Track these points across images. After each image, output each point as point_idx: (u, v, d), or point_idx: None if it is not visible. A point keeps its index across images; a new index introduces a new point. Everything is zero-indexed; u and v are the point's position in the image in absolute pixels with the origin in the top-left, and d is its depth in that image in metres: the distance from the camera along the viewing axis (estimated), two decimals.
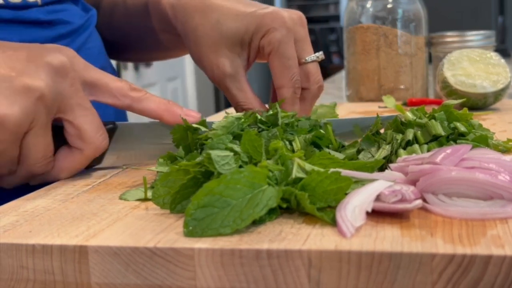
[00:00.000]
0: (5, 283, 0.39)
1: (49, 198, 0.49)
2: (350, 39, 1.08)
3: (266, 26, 0.65)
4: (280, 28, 0.64)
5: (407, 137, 0.51)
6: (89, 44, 0.75)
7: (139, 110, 0.57)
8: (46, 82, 0.51)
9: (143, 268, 0.37)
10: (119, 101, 0.57)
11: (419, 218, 0.39)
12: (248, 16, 0.66)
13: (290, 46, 0.64)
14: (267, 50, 0.65)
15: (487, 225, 0.37)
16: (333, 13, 6.91)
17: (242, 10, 0.67)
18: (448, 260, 0.33)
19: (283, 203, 0.40)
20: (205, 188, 0.38)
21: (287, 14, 0.66)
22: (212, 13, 0.67)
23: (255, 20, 0.65)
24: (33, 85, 0.50)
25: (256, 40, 0.65)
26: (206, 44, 0.67)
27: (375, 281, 0.34)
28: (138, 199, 0.47)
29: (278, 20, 0.65)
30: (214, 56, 0.66)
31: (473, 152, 0.44)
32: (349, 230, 0.36)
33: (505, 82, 0.88)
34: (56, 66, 0.53)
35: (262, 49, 0.66)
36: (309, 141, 0.52)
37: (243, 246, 0.35)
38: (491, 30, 1.09)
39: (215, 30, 0.66)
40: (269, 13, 0.65)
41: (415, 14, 1.05)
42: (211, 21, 0.67)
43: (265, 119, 0.56)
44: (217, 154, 0.42)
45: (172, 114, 0.57)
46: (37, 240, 0.39)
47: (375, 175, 0.43)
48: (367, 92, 1.07)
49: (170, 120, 0.57)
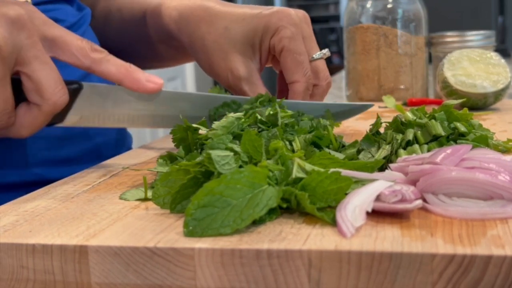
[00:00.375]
0: (6, 283, 0.39)
1: (49, 198, 0.49)
2: (350, 39, 1.08)
3: (275, 25, 0.65)
4: (288, 25, 0.64)
5: (407, 137, 0.51)
6: None
7: (99, 72, 0.55)
8: (2, 34, 0.50)
9: (143, 268, 0.37)
10: (78, 61, 0.55)
11: (419, 218, 0.39)
12: (254, 18, 0.66)
13: (300, 42, 0.65)
14: (278, 48, 0.65)
15: (487, 225, 0.37)
16: (333, 13, 6.91)
17: (248, 14, 0.67)
18: (448, 260, 0.33)
19: (283, 203, 0.40)
20: (205, 188, 0.38)
21: (293, 12, 0.66)
22: (218, 21, 0.67)
23: (262, 21, 0.65)
24: None
25: (266, 41, 0.66)
26: (216, 51, 0.67)
27: (375, 281, 0.34)
28: (138, 199, 0.47)
29: (286, 18, 0.65)
30: (227, 62, 0.66)
31: (473, 152, 0.44)
32: (349, 230, 0.36)
33: (505, 82, 0.88)
34: (12, 17, 0.51)
35: (273, 49, 0.66)
36: (309, 141, 0.52)
37: (243, 246, 0.35)
38: (491, 30, 1.09)
39: (224, 37, 0.66)
40: (276, 13, 0.66)
41: (415, 14, 1.05)
42: (218, 29, 0.67)
43: (265, 119, 0.56)
44: (217, 154, 0.42)
45: (133, 80, 0.56)
46: (37, 240, 0.39)
47: (375, 175, 0.43)
48: (367, 92, 1.07)
49: (131, 85, 0.56)
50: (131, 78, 0.56)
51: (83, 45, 0.55)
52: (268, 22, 0.65)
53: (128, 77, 0.56)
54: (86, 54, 0.55)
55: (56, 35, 0.54)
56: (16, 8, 0.52)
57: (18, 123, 0.54)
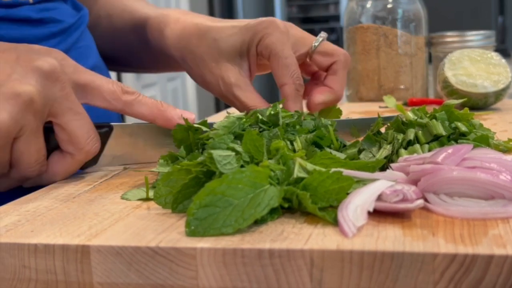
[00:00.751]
0: (8, 283, 0.39)
1: (51, 198, 0.49)
2: (350, 39, 1.08)
3: (260, 33, 0.67)
4: (274, 32, 0.66)
5: (408, 137, 0.51)
6: (81, 43, 0.75)
7: (131, 114, 0.57)
8: (35, 87, 0.50)
9: (145, 267, 0.37)
10: (111, 105, 0.56)
11: (420, 218, 0.39)
12: (242, 29, 0.68)
13: (287, 46, 0.66)
14: (266, 55, 0.67)
15: (488, 225, 0.37)
16: (333, 13, 6.91)
17: (236, 26, 0.70)
18: (450, 259, 0.33)
19: (284, 202, 0.40)
20: (207, 187, 0.38)
21: (280, 21, 0.68)
22: (208, 33, 0.70)
23: (249, 30, 0.68)
24: (22, 91, 0.49)
25: (253, 48, 0.68)
26: (206, 62, 0.69)
27: (377, 280, 0.34)
28: (140, 199, 0.47)
29: (271, 26, 0.67)
30: (217, 71, 0.68)
31: (474, 152, 0.44)
32: (351, 229, 0.36)
33: (506, 82, 0.89)
34: (46, 71, 0.52)
35: (261, 56, 0.68)
36: (310, 141, 0.52)
37: (245, 246, 0.35)
38: (491, 30, 1.09)
39: (214, 48, 0.69)
40: (262, 22, 0.68)
41: (415, 14, 1.05)
42: (208, 41, 0.69)
43: (266, 119, 0.56)
44: (219, 154, 0.43)
45: (165, 118, 0.57)
46: (39, 240, 0.39)
47: (376, 175, 0.43)
48: (367, 92, 1.07)
49: (163, 124, 0.57)
50: (164, 117, 0.57)
51: (114, 89, 0.56)
52: (255, 31, 0.67)
53: (160, 117, 0.57)
54: (118, 97, 0.56)
55: (88, 81, 0.55)
56: (50, 61, 0.52)
57: (51, 171, 0.55)
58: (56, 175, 0.55)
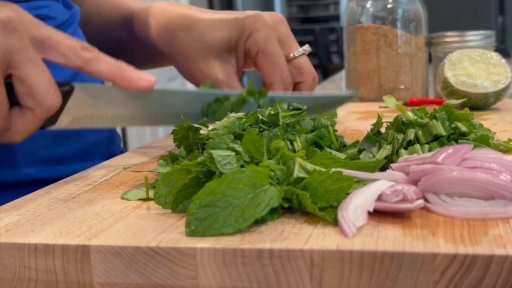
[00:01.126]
0: (8, 283, 0.39)
1: (51, 198, 0.49)
2: (350, 39, 1.08)
3: (248, 29, 0.66)
4: (262, 28, 0.65)
5: (408, 137, 0.51)
6: None
7: (90, 72, 0.54)
8: None
9: (145, 267, 0.37)
10: (69, 61, 0.54)
11: (420, 218, 0.39)
12: (229, 23, 0.67)
13: (275, 44, 0.66)
14: (254, 51, 0.66)
15: (488, 225, 0.37)
16: (333, 13, 6.92)
17: (224, 19, 0.68)
18: (450, 259, 0.33)
19: (284, 202, 0.40)
20: (207, 187, 0.38)
21: (268, 15, 0.67)
22: (195, 27, 0.68)
23: (237, 25, 0.67)
24: None
25: (241, 44, 0.67)
26: (194, 56, 0.68)
27: (377, 280, 0.34)
28: (140, 199, 0.47)
29: (259, 21, 0.66)
30: (205, 66, 0.68)
31: (475, 152, 0.44)
32: (351, 229, 0.36)
33: (506, 82, 0.89)
34: (3, 20, 0.50)
35: (248, 52, 0.67)
36: (310, 141, 0.52)
37: (245, 246, 0.35)
38: (491, 30, 1.09)
39: (201, 42, 0.68)
40: (250, 16, 0.67)
41: (415, 14, 1.05)
42: (195, 34, 0.68)
43: (266, 119, 0.56)
44: (219, 154, 0.43)
45: (125, 78, 0.55)
46: (39, 240, 0.39)
47: (376, 175, 0.43)
48: (367, 92, 1.07)
49: (123, 84, 0.55)
50: (123, 76, 0.55)
51: (73, 45, 0.54)
52: (243, 26, 0.66)
53: (120, 76, 0.55)
54: (77, 53, 0.54)
55: (46, 35, 0.53)
56: (6, 11, 0.51)
57: (12, 128, 0.53)
58: (17, 132, 0.53)
